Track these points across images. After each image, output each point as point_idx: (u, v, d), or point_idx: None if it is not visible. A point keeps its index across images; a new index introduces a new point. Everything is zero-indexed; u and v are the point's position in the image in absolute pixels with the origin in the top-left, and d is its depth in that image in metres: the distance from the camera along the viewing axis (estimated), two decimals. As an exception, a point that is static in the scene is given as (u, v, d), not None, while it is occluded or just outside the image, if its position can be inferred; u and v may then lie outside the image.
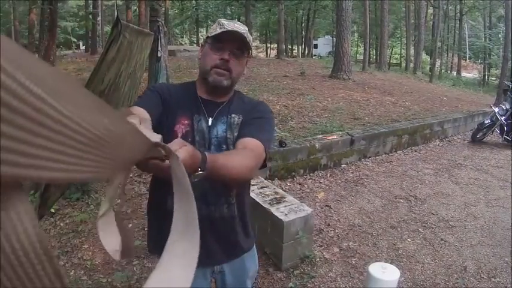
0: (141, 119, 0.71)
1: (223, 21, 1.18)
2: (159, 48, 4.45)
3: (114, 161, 0.38)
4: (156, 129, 0.86)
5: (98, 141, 0.32)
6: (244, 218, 1.31)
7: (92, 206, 3.41)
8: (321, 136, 5.10)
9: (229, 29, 1.14)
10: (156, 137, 0.62)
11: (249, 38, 1.18)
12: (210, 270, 1.32)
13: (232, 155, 1.07)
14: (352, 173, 4.82)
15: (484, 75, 26.70)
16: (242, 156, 1.05)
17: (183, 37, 40.59)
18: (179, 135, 1.16)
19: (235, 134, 1.20)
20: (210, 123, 1.20)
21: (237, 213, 1.27)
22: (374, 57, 27.35)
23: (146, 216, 1.41)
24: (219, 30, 1.15)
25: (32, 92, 0.23)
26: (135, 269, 2.64)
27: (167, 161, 0.66)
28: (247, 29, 1.20)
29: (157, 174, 0.74)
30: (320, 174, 4.69)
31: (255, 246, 1.43)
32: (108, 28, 25.40)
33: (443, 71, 26.11)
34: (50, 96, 0.25)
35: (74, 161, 0.29)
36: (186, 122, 1.18)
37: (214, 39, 1.17)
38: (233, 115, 1.23)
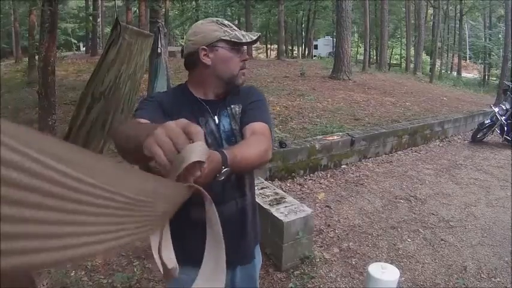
0: (193, 131, 0.61)
1: (225, 22, 1.21)
2: (159, 47, 4.44)
3: (158, 215, 0.39)
4: None
5: (133, 203, 0.32)
6: (255, 210, 1.35)
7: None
8: (321, 137, 5.10)
9: (244, 32, 1.20)
10: (203, 154, 0.59)
11: None
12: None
13: (247, 144, 1.09)
14: (353, 173, 4.82)
15: (484, 76, 26.69)
16: (256, 143, 1.09)
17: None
18: None
19: (239, 124, 1.22)
20: (216, 121, 1.21)
21: (250, 204, 1.30)
22: (374, 57, 27.34)
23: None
24: (237, 34, 1.18)
25: (50, 167, 0.22)
26: (135, 269, 2.64)
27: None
28: None
29: None
30: (320, 174, 4.69)
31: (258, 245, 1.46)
32: (108, 29, 25.41)
33: (443, 71, 26.10)
34: (70, 168, 0.24)
35: (110, 229, 0.29)
36: None
37: (235, 43, 1.19)
38: (232, 106, 1.24)
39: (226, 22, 1.21)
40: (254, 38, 1.21)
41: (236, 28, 1.21)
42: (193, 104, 1.21)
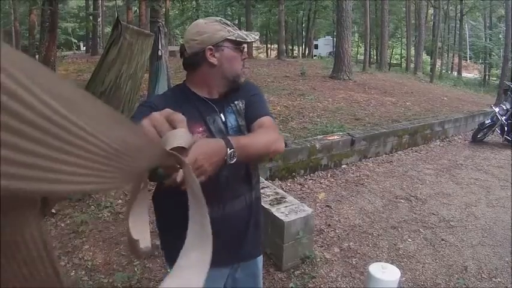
0: (175, 118, 0.64)
1: (224, 20, 1.22)
2: (160, 47, 4.44)
3: (131, 170, 0.38)
4: None
5: (115, 153, 0.33)
6: (259, 205, 1.38)
7: (92, 206, 3.42)
8: (321, 136, 5.10)
9: (245, 31, 1.23)
10: (184, 141, 0.62)
11: None
12: (229, 267, 1.33)
13: (253, 134, 1.16)
14: (353, 173, 4.82)
15: (485, 76, 26.69)
16: (263, 133, 1.14)
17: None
18: None
19: (244, 119, 1.26)
20: (223, 119, 1.22)
21: (257, 199, 1.34)
22: (374, 57, 27.34)
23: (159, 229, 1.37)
24: (241, 34, 1.20)
25: (48, 106, 0.23)
26: (136, 269, 2.64)
27: (181, 171, 0.66)
28: None
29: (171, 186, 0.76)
30: (320, 174, 4.69)
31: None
32: (108, 29, 25.41)
33: (443, 71, 26.11)
34: (66, 109, 0.25)
35: (90, 173, 0.29)
36: (200, 128, 1.16)
37: (239, 43, 1.21)
38: (236, 102, 1.27)
39: (227, 22, 1.22)
40: (257, 37, 1.25)
41: (236, 27, 1.23)
42: (198, 104, 1.20)
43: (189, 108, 1.17)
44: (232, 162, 0.93)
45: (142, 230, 0.63)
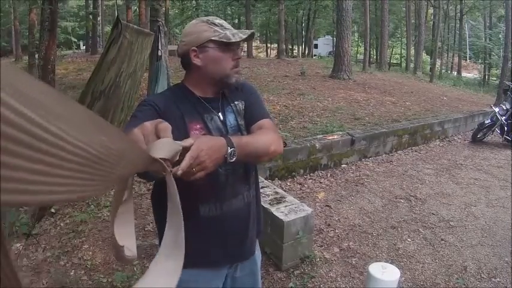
0: (160, 127, 0.70)
1: (217, 20, 1.20)
2: (160, 47, 4.43)
3: (112, 177, 0.38)
4: None
5: (96, 160, 0.32)
6: (259, 204, 1.38)
7: (92, 206, 3.42)
8: (321, 136, 5.10)
9: (235, 30, 1.19)
10: (168, 150, 0.65)
11: None
12: (227, 267, 1.32)
13: (253, 134, 1.18)
14: (353, 173, 4.82)
15: (485, 75, 26.68)
16: (263, 134, 1.16)
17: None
18: None
19: (244, 120, 1.27)
20: (221, 117, 1.23)
21: (255, 198, 1.33)
22: (374, 57, 27.34)
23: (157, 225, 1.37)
24: (227, 34, 1.17)
25: (24, 116, 0.22)
26: (135, 269, 2.64)
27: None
28: None
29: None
30: (320, 174, 4.68)
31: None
32: (108, 28, 25.39)
33: (443, 71, 26.11)
34: (43, 118, 0.24)
35: (72, 182, 0.29)
36: (198, 126, 1.17)
37: (226, 44, 1.18)
38: (236, 102, 1.28)
39: (217, 21, 1.20)
40: (244, 36, 1.20)
41: (228, 27, 1.20)
42: (196, 103, 1.21)
43: (188, 107, 1.19)
44: (232, 160, 0.95)
45: (127, 235, 0.64)
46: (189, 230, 1.33)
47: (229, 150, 0.93)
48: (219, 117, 1.22)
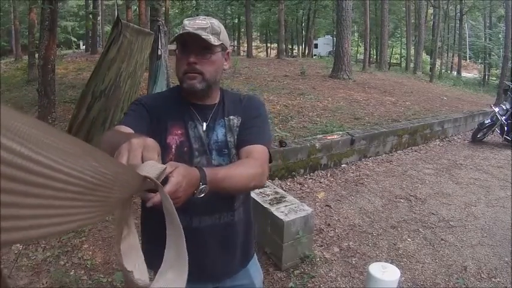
0: (146, 145, 0.71)
1: (185, 21, 1.10)
2: (160, 47, 4.43)
3: (111, 200, 0.38)
4: None
5: (92, 187, 0.32)
6: (248, 225, 1.28)
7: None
8: (321, 136, 5.10)
9: (186, 30, 1.06)
10: (154, 171, 0.65)
11: (214, 31, 1.09)
12: (210, 285, 1.25)
13: (234, 165, 1.06)
14: (353, 172, 4.82)
15: (484, 75, 26.69)
16: (245, 166, 1.04)
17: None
18: (173, 146, 1.11)
19: (236, 137, 1.17)
20: (204, 127, 1.15)
21: (241, 222, 1.23)
22: (374, 57, 27.34)
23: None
24: (180, 31, 1.09)
25: (15, 152, 0.22)
26: (135, 268, 2.64)
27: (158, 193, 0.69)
28: (212, 22, 1.11)
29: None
30: (320, 174, 4.68)
31: (255, 253, 1.39)
32: (108, 28, 25.39)
33: (443, 70, 26.09)
34: (35, 152, 0.24)
35: (70, 212, 0.29)
36: (179, 131, 1.13)
37: (179, 43, 1.11)
38: (231, 117, 1.19)
39: (187, 21, 1.09)
40: (190, 28, 1.06)
41: (194, 24, 1.07)
42: (184, 108, 1.16)
43: (175, 110, 1.15)
44: (200, 196, 0.87)
45: (136, 259, 0.62)
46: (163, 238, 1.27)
47: (200, 186, 0.86)
48: (202, 126, 1.15)
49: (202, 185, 0.86)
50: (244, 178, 1.01)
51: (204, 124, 1.16)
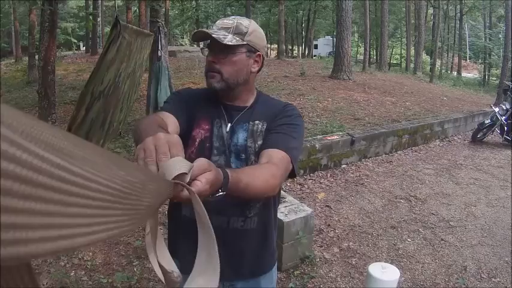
0: (172, 141, 0.67)
1: (221, 20, 1.12)
2: (160, 48, 4.44)
3: (142, 208, 0.38)
4: (184, 133, 0.98)
5: (122, 196, 0.32)
6: (263, 237, 1.21)
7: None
8: (321, 136, 5.10)
9: (205, 30, 1.08)
10: (184, 167, 0.63)
11: (238, 31, 1.08)
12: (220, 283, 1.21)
13: (256, 172, 0.96)
14: (353, 173, 4.82)
15: (484, 75, 26.66)
16: (266, 174, 0.96)
17: (183, 38, 40.56)
18: (197, 140, 1.14)
19: (259, 143, 1.12)
20: (228, 128, 1.14)
21: (255, 229, 1.17)
22: (374, 57, 27.34)
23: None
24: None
25: (45, 159, 0.22)
26: (135, 269, 2.64)
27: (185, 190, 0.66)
28: (240, 22, 1.10)
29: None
30: (320, 174, 4.68)
31: (276, 266, 1.31)
32: (108, 29, 25.39)
33: (443, 71, 26.08)
34: (64, 160, 0.24)
35: (100, 221, 0.28)
36: (206, 127, 1.15)
37: (207, 43, 1.13)
38: (256, 122, 1.15)
39: (224, 18, 1.13)
40: (213, 29, 1.08)
41: (220, 24, 1.10)
42: (214, 105, 1.18)
43: (207, 106, 1.18)
44: (211, 200, 0.80)
45: (169, 261, 0.66)
46: (171, 229, 1.27)
47: (218, 194, 0.80)
48: (227, 126, 1.15)
49: (222, 192, 0.79)
50: (260, 189, 0.93)
51: (229, 125, 1.15)
